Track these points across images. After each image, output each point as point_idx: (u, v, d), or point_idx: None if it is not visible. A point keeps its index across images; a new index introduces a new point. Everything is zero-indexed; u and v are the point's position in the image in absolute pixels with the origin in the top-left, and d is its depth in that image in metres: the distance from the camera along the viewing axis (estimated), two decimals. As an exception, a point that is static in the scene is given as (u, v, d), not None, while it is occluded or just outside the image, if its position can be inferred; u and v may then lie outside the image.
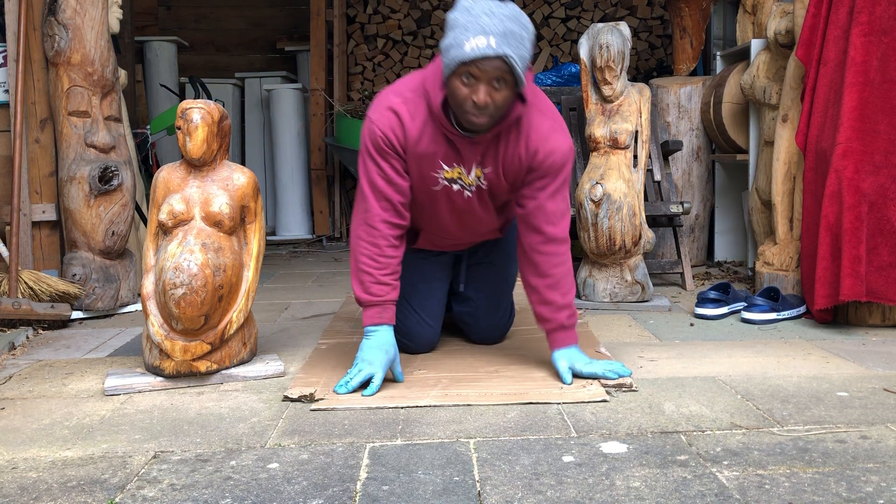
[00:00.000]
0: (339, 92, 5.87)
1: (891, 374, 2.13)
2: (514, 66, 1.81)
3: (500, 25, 1.79)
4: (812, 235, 2.77)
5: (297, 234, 5.82)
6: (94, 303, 3.01)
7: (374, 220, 2.05)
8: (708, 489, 1.40)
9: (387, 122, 2.01)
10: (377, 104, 2.05)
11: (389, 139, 2.01)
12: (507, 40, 1.79)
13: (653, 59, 6.30)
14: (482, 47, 1.78)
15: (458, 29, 1.82)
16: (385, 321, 2.07)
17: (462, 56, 1.81)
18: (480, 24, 1.79)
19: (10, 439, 1.73)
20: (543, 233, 2.08)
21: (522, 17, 1.85)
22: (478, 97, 1.85)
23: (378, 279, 2.06)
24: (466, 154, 2.04)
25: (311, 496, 1.40)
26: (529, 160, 2.04)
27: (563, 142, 2.06)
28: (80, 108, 3.01)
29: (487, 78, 1.83)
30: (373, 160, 2.04)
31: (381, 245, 2.05)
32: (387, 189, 2.05)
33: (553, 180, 2.07)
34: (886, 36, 2.64)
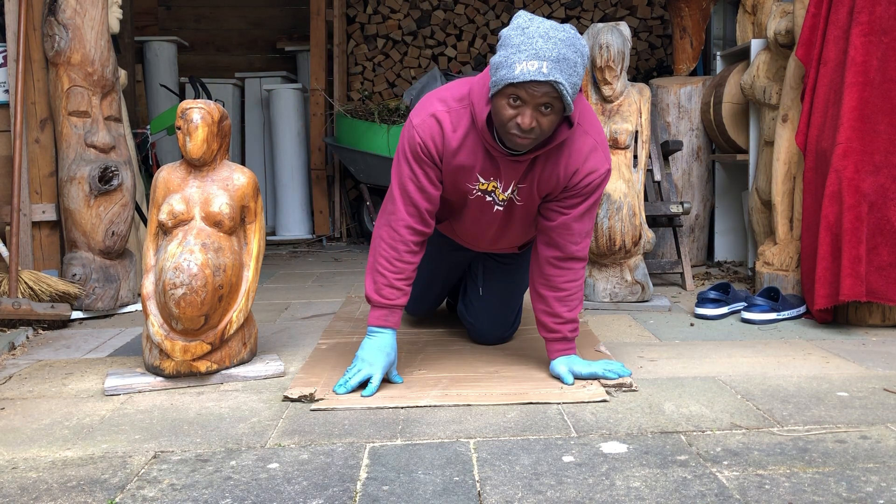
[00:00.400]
0: (339, 92, 5.87)
1: (891, 374, 2.13)
2: (563, 93, 1.76)
3: (555, 50, 1.74)
4: (812, 235, 2.77)
5: (297, 234, 5.82)
6: (94, 303, 3.01)
7: (398, 223, 2.03)
8: (708, 489, 1.40)
9: (428, 129, 1.98)
10: (420, 109, 2.02)
11: (428, 147, 1.98)
12: (560, 66, 1.75)
13: (653, 59, 6.30)
14: (533, 71, 1.73)
15: (511, 48, 1.77)
16: (390, 325, 2.07)
17: (511, 78, 1.76)
18: (535, 48, 1.74)
19: (10, 439, 1.73)
20: (564, 250, 2.06)
21: (579, 41, 1.80)
22: (523, 120, 1.80)
23: (391, 282, 2.05)
24: (506, 171, 2.00)
25: (311, 496, 1.40)
26: (567, 179, 2.01)
27: (603, 163, 2.02)
28: (80, 108, 3.01)
29: (535, 102, 1.78)
30: (408, 164, 2.01)
31: (400, 250, 2.04)
32: (417, 195, 2.02)
33: (585, 200, 2.04)
34: (886, 36, 2.64)
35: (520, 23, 1.81)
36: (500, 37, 1.83)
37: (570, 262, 2.08)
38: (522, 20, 1.81)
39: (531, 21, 1.80)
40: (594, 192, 2.04)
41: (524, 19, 1.81)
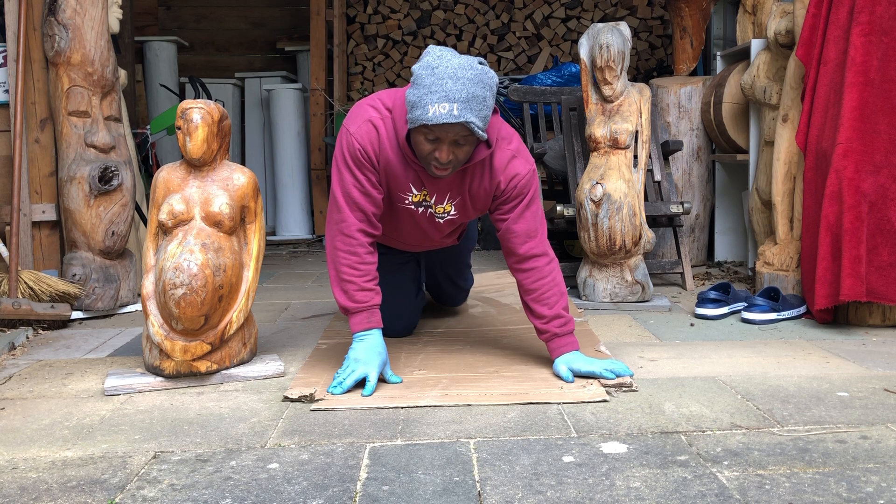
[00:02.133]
0: (339, 92, 5.87)
1: (891, 374, 2.13)
2: (474, 129, 1.86)
3: (463, 91, 1.82)
4: (812, 235, 2.77)
5: (297, 234, 5.82)
6: (94, 303, 3.01)
7: (351, 229, 2.08)
8: (708, 489, 1.40)
9: (366, 134, 2.04)
10: (355, 116, 2.08)
11: (367, 151, 2.04)
12: (469, 105, 1.83)
13: (653, 59, 6.30)
14: (444, 114, 1.82)
15: (423, 88, 1.85)
16: (374, 325, 2.09)
17: (425, 119, 1.85)
18: (445, 90, 1.82)
19: (10, 439, 1.73)
20: (517, 253, 2.15)
21: (485, 76, 1.87)
22: (440, 155, 1.92)
23: (361, 286, 2.09)
24: (430, 186, 2.11)
25: (311, 496, 1.40)
26: (493, 189, 2.13)
27: (522, 166, 2.12)
28: (80, 108, 3.01)
29: (449, 139, 1.90)
30: (350, 171, 2.06)
31: (360, 253, 2.09)
32: (362, 200, 2.08)
33: (519, 203, 2.13)
34: (886, 36, 2.64)
35: (429, 61, 1.87)
36: (413, 73, 1.91)
37: (528, 263, 2.15)
38: (432, 58, 1.87)
39: (440, 60, 1.86)
40: (524, 193, 2.13)
41: (433, 57, 1.87)
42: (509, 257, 2.18)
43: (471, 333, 2.65)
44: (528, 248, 2.14)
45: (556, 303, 2.14)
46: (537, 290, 2.14)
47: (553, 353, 2.13)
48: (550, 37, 6.34)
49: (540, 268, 2.14)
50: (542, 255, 2.15)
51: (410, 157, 2.04)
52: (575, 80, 4.67)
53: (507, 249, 2.17)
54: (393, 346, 2.48)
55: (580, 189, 3.09)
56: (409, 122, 1.92)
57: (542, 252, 2.16)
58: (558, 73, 4.77)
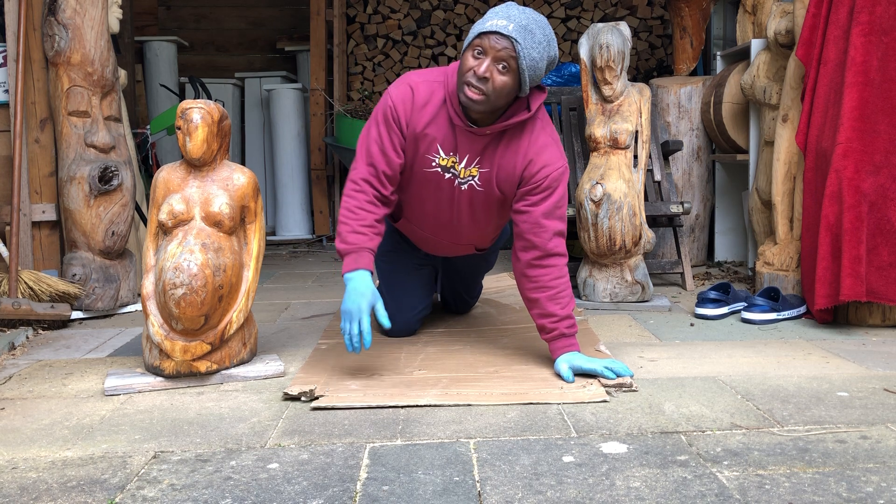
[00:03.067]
0: (339, 92, 5.87)
1: (891, 374, 2.13)
2: (520, 54, 1.95)
3: (525, 20, 1.96)
4: (812, 235, 2.77)
5: (297, 234, 5.82)
6: (94, 303, 3.01)
7: (357, 177, 2.16)
8: (708, 489, 1.40)
9: (400, 94, 2.14)
10: (399, 80, 2.19)
11: (397, 111, 2.12)
12: (524, 33, 1.95)
13: (653, 59, 6.30)
14: (499, 25, 1.95)
15: (490, 13, 2.00)
16: (361, 266, 2.09)
17: (480, 28, 1.97)
18: (508, 12, 1.97)
19: (10, 439, 1.73)
20: (542, 248, 2.14)
21: (549, 30, 2.02)
22: (479, 68, 1.97)
23: (354, 228, 2.11)
24: (464, 144, 2.13)
25: (311, 496, 1.40)
26: (523, 168, 2.14)
27: (558, 159, 2.15)
28: (80, 108, 3.01)
29: (494, 55, 1.96)
30: (377, 126, 2.15)
31: (360, 199, 2.14)
32: (377, 156, 2.14)
33: (548, 197, 2.14)
34: (886, 36, 2.64)
35: (508, 2, 2.06)
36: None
37: (550, 259, 2.15)
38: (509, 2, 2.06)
39: (515, 4, 2.03)
40: (554, 186, 2.14)
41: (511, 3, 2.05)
42: (530, 252, 2.14)
43: (471, 333, 2.65)
44: (554, 245, 2.14)
45: (567, 304, 2.14)
46: (554, 289, 2.13)
47: (555, 352, 2.14)
48: (550, 37, 6.34)
49: (560, 266, 2.15)
50: (563, 255, 2.16)
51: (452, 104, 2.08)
52: (575, 80, 4.67)
53: (531, 244, 2.14)
54: (393, 346, 2.48)
55: (580, 189, 3.09)
56: (465, 42, 2.01)
57: (564, 252, 2.17)
58: (558, 73, 4.77)
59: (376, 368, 2.21)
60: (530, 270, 2.15)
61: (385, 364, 2.26)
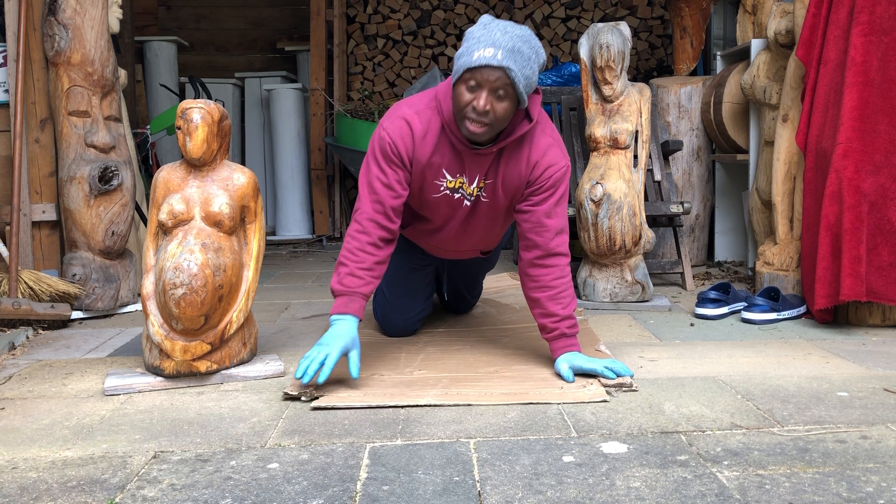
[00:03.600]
0: (339, 92, 5.87)
1: (891, 374, 2.13)
2: (515, 80, 1.90)
3: (510, 42, 1.90)
4: (812, 235, 2.77)
5: (297, 234, 5.82)
6: (94, 303, 3.01)
7: (363, 217, 2.11)
8: (708, 489, 1.40)
9: (398, 130, 2.08)
10: (390, 113, 2.14)
11: (397, 146, 2.08)
12: (513, 56, 1.89)
13: (653, 59, 6.30)
14: (488, 57, 1.88)
15: (472, 41, 1.93)
16: (350, 311, 2.07)
17: (469, 63, 1.90)
18: (492, 38, 1.90)
19: (10, 439, 1.72)
20: (543, 247, 2.14)
21: (534, 41, 1.96)
22: (478, 103, 1.93)
23: (352, 271, 2.09)
24: (471, 166, 2.12)
25: (311, 496, 1.40)
26: (528, 173, 2.13)
27: (561, 158, 2.14)
28: (80, 108, 3.01)
29: (490, 87, 1.91)
30: (377, 164, 2.11)
31: (362, 241, 2.11)
32: (383, 192, 2.10)
33: (550, 196, 2.13)
34: (886, 36, 2.64)
35: (484, 20, 1.97)
36: (465, 34, 1.97)
37: (552, 259, 2.14)
38: (486, 19, 1.97)
39: (493, 20, 1.96)
40: (557, 185, 2.14)
41: (487, 18, 1.97)
42: (532, 251, 2.15)
43: (471, 333, 2.65)
44: (557, 245, 2.14)
45: (569, 304, 2.14)
46: (556, 289, 2.13)
47: (556, 352, 2.14)
48: (550, 37, 6.34)
49: (562, 266, 2.15)
50: (565, 255, 2.16)
51: (453, 132, 2.05)
52: (575, 80, 4.67)
53: (533, 243, 2.14)
54: (393, 346, 2.48)
55: (580, 189, 3.09)
56: (454, 76, 1.95)
57: (566, 252, 2.17)
58: (558, 73, 4.77)
59: (376, 368, 2.21)
60: (532, 270, 2.15)
61: (385, 364, 2.26)
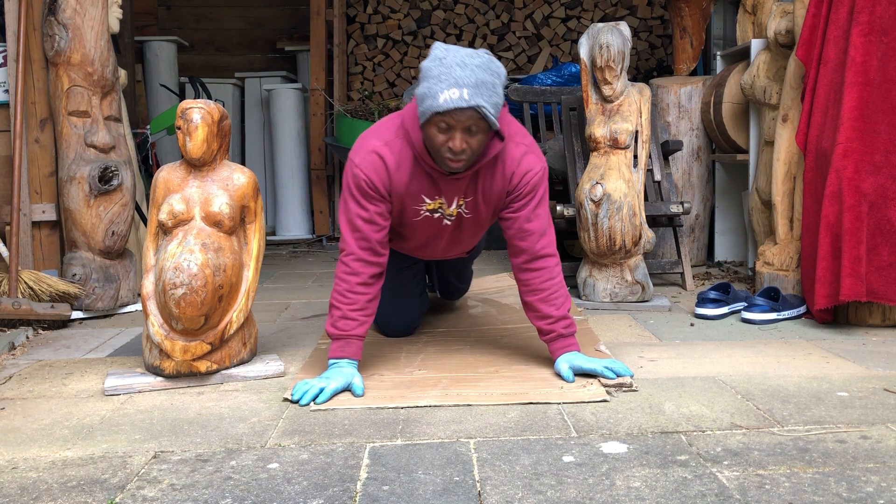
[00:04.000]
0: (339, 92, 5.87)
1: (891, 374, 2.13)
2: (486, 114, 1.87)
3: (473, 76, 1.84)
4: (812, 235, 2.77)
5: (297, 234, 5.82)
6: (94, 303, 3.01)
7: (349, 258, 2.09)
8: (708, 489, 1.40)
9: (371, 165, 2.05)
10: (359, 147, 2.10)
11: (374, 183, 2.05)
12: (480, 91, 1.85)
13: (653, 59, 6.30)
14: (455, 99, 1.84)
15: (432, 80, 1.87)
16: (347, 355, 2.07)
17: (437, 107, 1.86)
18: (454, 76, 1.84)
19: (10, 439, 1.73)
20: (531, 251, 2.15)
21: (493, 63, 1.90)
22: (454, 144, 1.91)
23: (345, 314, 2.08)
24: (448, 190, 2.11)
25: (311, 496, 1.40)
26: (507, 185, 2.12)
27: (536, 162, 2.13)
28: (80, 108, 3.01)
29: (462, 126, 1.89)
30: (356, 202, 2.08)
31: (351, 282, 2.09)
32: (366, 228, 2.08)
33: (530, 201, 2.13)
34: (886, 36, 2.64)
35: (437, 54, 1.90)
36: (421, 69, 1.92)
37: (539, 262, 2.15)
38: (439, 52, 1.90)
39: (447, 51, 1.89)
40: (536, 189, 2.13)
41: (441, 50, 1.91)
42: (519, 256, 2.16)
43: (471, 333, 2.65)
44: (542, 247, 2.14)
45: (562, 304, 2.15)
46: (546, 290, 2.14)
47: (555, 353, 2.14)
48: (550, 37, 6.34)
49: (550, 268, 2.15)
50: (552, 256, 2.16)
51: (426, 161, 2.03)
52: (575, 80, 4.67)
53: (518, 248, 2.15)
54: (393, 346, 2.48)
55: (580, 189, 3.09)
56: (421, 117, 1.92)
57: (553, 252, 2.17)
58: (558, 73, 4.77)
59: (376, 368, 2.21)
60: (522, 274, 2.17)
61: (385, 364, 2.26)
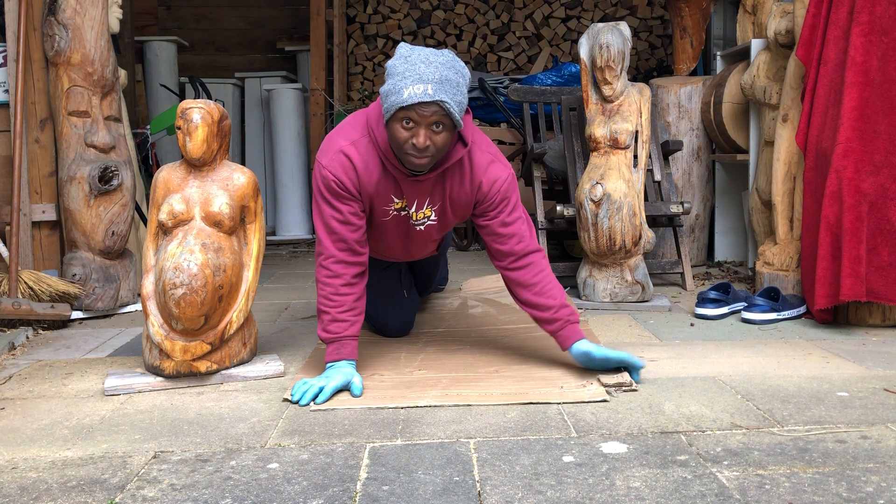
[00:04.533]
0: (339, 92, 5.87)
1: (891, 374, 2.13)
2: (450, 111, 1.89)
3: (437, 73, 1.87)
4: (812, 235, 2.77)
5: (297, 234, 5.82)
6: (94, 303, 3.01)
7: (329, 261, 2.09)
8: (708, 489, 1.40)
9: (339, 165, 2.05)
10: (326, 148, 2.10)
11: (343, 182, 2.05)
12: (444, 87, 1.87)
13: (653, 59, 6.30)
14: (419, 94, 1.85)
15: (397, 77, 1.89)
16: (343, 357, 2.07)
17: (401, 102, 1.87)
18: (418, 73, 1.86)
19: (10, 439, 1.73)
20: (514, 252, 2.16)
21: (458, 63, 1.93)
22: (417, 140, 1.91)
23: (335, 317, 2.08)
24: (409, 192, 2.12)
25: (311, 496, 1.40)
26: (475, 192, 2.14)
27: (503, 170, 2.15)
28: (80, 108, 3.01)
29: (426, 122, 1.90)
30: (328, 203, 2.07)
31: (334, 284, 2.09)
32: (342, 229, 2.08)
33: (503, 208, 2.15)
34: (886, 36, 2.64)
35: (402, 52, 1.93)
36: (386, 68, 1.94)
37: (525, 259, 2.17)
38: (404, 50, 1.93)
39: (412, 50, 1.92)
40: (508, 196, 2.16)
41: (406, 49, 1.94)
42: (504, 259, 2.17)
43: (471, 333, 2.65)
44: (524, 246, 2.16)
45: (558, 294, 2.15)
46: (539, 284, 2.15)
47: (567, 340, 2.12)
48: (550, 37, 6.34)
49: (537, 262, 2.17)
50: (536, 251, 2.18)
51: (391, 162, 2.04)
52: (575, 80, 4.67)
53: (501, 252, 2.17)
54: (393, 346, 2.48)
55: (580, 189, 3.09)
56: (385, 114, 1.92)
57: (536, 248, 2.19)
58: (558, 73, 4.77)
59: (376, 368, 2.21)
60: (509, 274, 2.18)
61: (385, 364, 2.26)
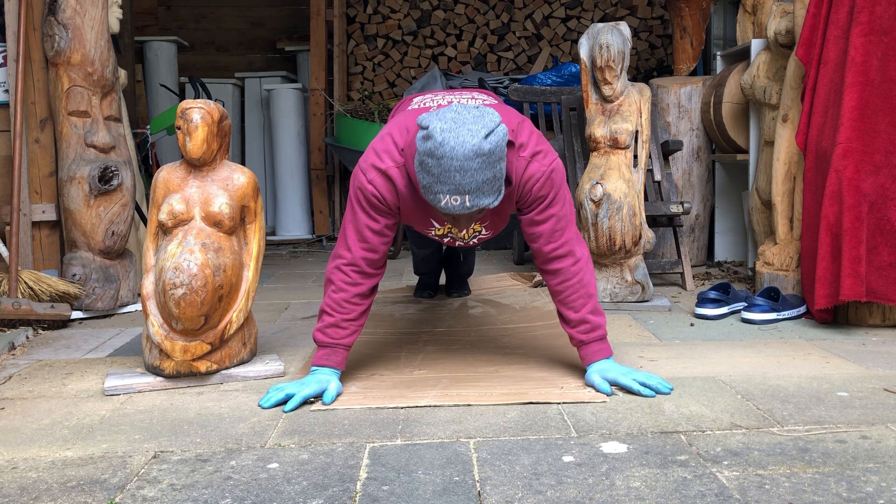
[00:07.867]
0: (339, 92, 5.87)
1: (891, 374, 2.13)
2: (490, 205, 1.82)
3: (472, 182, 1.75)
4: (812, 235, 2.77)
5: (297, 234, 5.82)
6: (94, 303, 3.01)
7: (350, 269, 2.04)
8: (708, 489, 1.40)
9: (382, 185, 1.99)
10: (371, 164, 2.01)
11: (386, 200, 2.00)
12: (481, 191, 1.77)
13: (653, 59, 6.30)
14: (457, 206, 1.79)
15: (431, 177, 1.77)
16: (331, 364, 2.02)
17: (438, 207, 1.82)
18: (453, 183, 1.75)
19: (10, 439, 1.73)
20: (542, 252, 2.08)
21: (493, 154, 1.76)
22: (458, 227, 1.94)
23: (337, 322, 2.04)
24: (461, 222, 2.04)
25: (311, 496, 1.40)
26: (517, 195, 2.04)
27: (537, 169, 2.00)
28: (80, 108, 3.01)
29: (466, 218, 1.88)
30: (365, 212, 2.01)
31: (350, 292, 2.04)
32: (375, 240, 2.03)
33: (541, 203, 2.03)
34: (886, 36, 2.64)
35: (431, 148, 1.75)
36: (418, 149, 1.80)
37: (553, 264, 2.07)
38: (433, 144, 1.74)
39: (442, 146, 1.74)
40: (545, 194, 2.02)
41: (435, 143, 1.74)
42: (536, 258, 2.12)
43: (471, 333, 2.65)
44: (552, 249, 2.06)
45: (581, 306, 2.05)
46: (562, 293, 2.07)
47: (583, 360, 2.06)
48: (550, 37, 6.34)
49: (565, 269, 2.06)
50: (566, 256, 2.06)
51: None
52: (575, 80, 4.67)
53: (533, 249, 2.10)
54: (393, 346, 2.48)
55: (580, 189, 3.09)
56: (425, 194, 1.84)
57: (567, 252, 2.06)
58: (558, 73, 4.77)
59: (376, 368, 2.21)
60: (543, 276, 2.13)
61: (385, 364, 2.26)
